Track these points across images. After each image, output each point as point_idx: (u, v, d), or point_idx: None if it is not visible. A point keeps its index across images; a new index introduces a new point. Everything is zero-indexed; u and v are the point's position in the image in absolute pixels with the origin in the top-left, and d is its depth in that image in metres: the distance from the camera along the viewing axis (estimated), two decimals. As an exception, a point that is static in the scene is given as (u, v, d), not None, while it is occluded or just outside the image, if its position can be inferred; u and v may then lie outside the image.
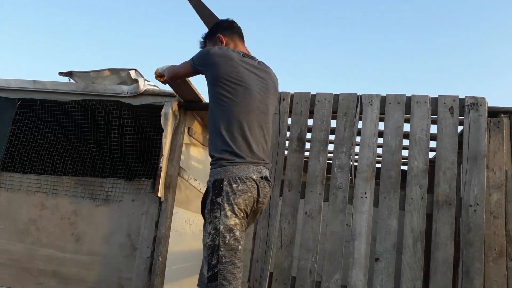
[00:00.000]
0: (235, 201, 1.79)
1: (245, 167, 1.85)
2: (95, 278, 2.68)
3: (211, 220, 1.80)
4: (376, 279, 2.40)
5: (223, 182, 1.81)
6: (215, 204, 1.80)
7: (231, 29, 2.15)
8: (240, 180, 1.82)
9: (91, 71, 2.98)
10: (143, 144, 2.86)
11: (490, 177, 2.43)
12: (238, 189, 1.80)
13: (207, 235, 1.80)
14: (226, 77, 1.87)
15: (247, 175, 1.84)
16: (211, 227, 1.79)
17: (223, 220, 1.78)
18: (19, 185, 2.93)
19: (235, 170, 1.83)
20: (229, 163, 1.83)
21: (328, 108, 2.69)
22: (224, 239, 1.77)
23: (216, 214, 1.79)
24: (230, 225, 1.78)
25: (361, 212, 2.49)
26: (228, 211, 1.78)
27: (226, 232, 1.77)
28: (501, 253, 2.32)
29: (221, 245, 1.77)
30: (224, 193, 1.79)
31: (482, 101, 2.51)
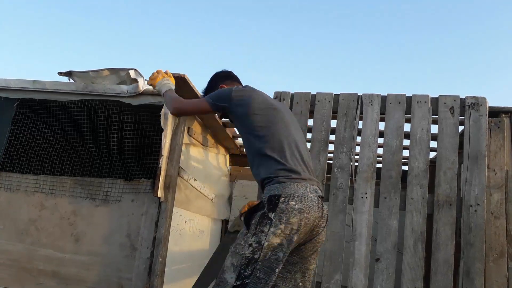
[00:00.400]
0: (289, 220, 1.70)
1: (303, 184, 1.77)
2: (94, 278, 2.67)
3: (256, 232, 1.71)
4: (377, 280, 2.40)
5: (280, 198, 1.72)
6: (266, 218, 1.71)
7: (230, 78, 2.29)
8: (298, 198, 1.73)
9: (91, 71, 2.97)
10: (142, 144, 2.85)
11: (491, 177, 2.43)
12: (294, 207, 1.71)
13: (247, 246, 1.71)
14: (257, 106, 1.93)
15: (305, 193, 1.75)
16: (254, 239, 1.71)
17: (270, 237, 1.69)
18: (18, 185, 2.92)
19: (292, 187, 1.75)
20: (286, 179, 1.76)
21: (328, 108, 2.68)
22: (266, 255, 1.69)
23: (263, 228, 1.70)
24: (276, 243, 1.69)
25: (362, 212, 2.48)
26: (278, 230, 1.69)
27: (270, 250, 1.69)
28: (502, 253, 2.32)
29: (260, 260, 1.69)
30: (279, 210, 1.70)
31: (482, 101, 2.50)
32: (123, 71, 2.88)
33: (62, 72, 3.06)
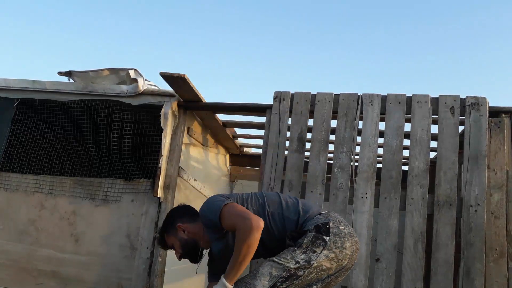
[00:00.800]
0: (344, 244, 1.72)
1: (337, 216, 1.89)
2: (94, 278, 2.67)
3: (307, 251, 1.69)
4: (377, 280, 2.39)
5: (329, 224, 1.75)
6: (320, 239, 1.71)
7: (186, 214, 2.01)
8: (343, 223, 1.80)
9: (90, 71, 2.97)
10: (142, 144, 2.85)
11: (491, 177, 2.42)
12: (344, 231, 1.75)
13: (293, 262, 1.68)
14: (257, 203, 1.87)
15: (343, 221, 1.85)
16: (304, 257, 1.68)
17: (322, 259, 1.68)
18: (18, 185, 2.92)
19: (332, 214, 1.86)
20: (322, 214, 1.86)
21: (329, 108, 2.68)
22: (309, 274, 1.68)
23: (316, 249, 1.69)
24: (325, 266, 1.69)
25: (362, 213, 2.48)
26: (332, 254, 1.70)
27: (315, 270, 1.68)
28: (502, 254, 2.32)
29: (302, 277, 1.67)
30: (332, 234, 1.72)
31: (483, 101, 2.50)
32: (123, 71, 2.88)
33: (62, 72, 3.06)
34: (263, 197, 1.91)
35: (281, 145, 2.70)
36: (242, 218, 1.67)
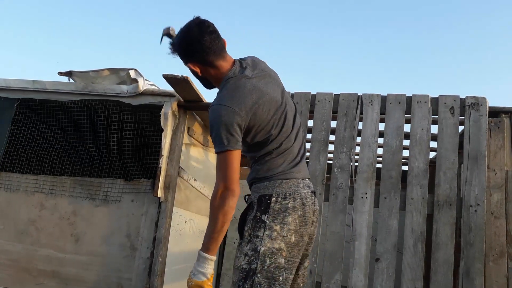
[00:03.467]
0: (284, 220, 1.53)
1: (295, 181, 1.60)
2: (94, 278, 2.67)
3: (251, 239, 1.54)
4: (377, 280, 2.40)
5: (271, 198, 1.56)
6: (260, 222, 1.54)
7: (201, 52, 1.61)
8: (290, 196, 1.57)
9: (91, 71, 2.97)
10: (142, 144, 2.85)
11: (491, 177, 2.42)
12: (287, 206, 1.55)
13: (242, 257, 1.54)
14: (263, 116, 1.57)
15: (299, 190, 1.59)
16: (249, 247, 1.53)
17: (266, 241, 1.51)
18: (18, 185, 2.92)
19: (284, 185, 1.58)
20: (278, 178, 1.58)
21: (329, 108, 2.68)
22: (264, 263, 1.50)
23: (258, 233, 1.53)
24: (274, 248, 1.51)
25: (362, 212, 2.48)
26: (274, 232, 1.52)
27: (267, 256, 1.50)
28: (502, 253, 2.32)
29: (258, 270, 1.49)
30: (272, 211, 1.54)
31: (482, 101, 2.50)
32: (123, 71, 2.88)
33: (62, 72, 3.06)
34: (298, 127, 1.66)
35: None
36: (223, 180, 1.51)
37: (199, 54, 1.60)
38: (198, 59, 1.62)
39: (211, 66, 1.63)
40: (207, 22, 1.62)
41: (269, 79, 1.67)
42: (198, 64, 1.63)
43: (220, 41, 1.63)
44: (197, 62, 1.63)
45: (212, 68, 1.63)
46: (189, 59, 1.63)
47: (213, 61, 1.61)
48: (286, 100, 1.69)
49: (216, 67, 1.63)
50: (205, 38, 1.58)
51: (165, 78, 2.56)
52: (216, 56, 1.62)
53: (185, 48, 1.62)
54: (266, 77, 1.66)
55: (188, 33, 1.60)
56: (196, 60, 1.62)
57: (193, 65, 1.64)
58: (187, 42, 1.60)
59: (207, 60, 1.61)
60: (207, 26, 1.60)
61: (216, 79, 1.66)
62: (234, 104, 1.52)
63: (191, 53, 1.61)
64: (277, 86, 1.69)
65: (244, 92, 1.55)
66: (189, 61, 1.64)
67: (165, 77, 2.56)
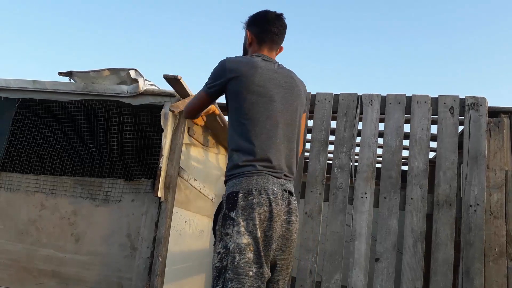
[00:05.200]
0: (250, 215, 1.55)
1: (263, 178, 1.62)
2: (95, 278, 2.67)
3: (222, 237, 1.57)
4: (376, 280, 2.40)
5: (238, 194, 1.58)
6: (228, 219, 1.57)
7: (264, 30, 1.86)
8: (256, 191, 1.58)
9: (91, 71, 2.97)
10: (143, 144, 2.86)
11: (491, 177, 2.43)
12: (253, 201, 1.56)
13: (216, 255, 1.56)
14: (251, 88, 1.68)
15: (265, 186, 1.60)
16: (221, 245, 1.56)
17: (235, 237, 1.53)
18: (18, 185, 2.92)
19: (251, 181, 1.60)
20: (246, 175, 1.61)
21: (328, 108, 2.69)
22: (233, 260, 1.52)
23: (228, 230, 1.55)
24: (242, 243, 1.52)
25: (361, 212, 2.49)
26: (242, 227, 1.54)
27: (237, 252, 1.52)
28: (501, 253, 2.32)
29: (228, 267, 1.51)
30: (239, 207, 1.56)
31: (482, 101, 2.51)
32: (123, 71, 2.88)
33: (63, 72, 3.06)
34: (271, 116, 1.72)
35: (281, 145, 2.70)
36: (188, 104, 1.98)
37: (261, 29, 1.86)
38: (255, 33, 1.88)
39: (258, 44, 1.88)
40: (284, 20, 1.90)
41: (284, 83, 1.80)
42: (253, 36, 1.88)
43: (278, 40, 1.90)
44: (253, 34, 1.88)
45: (257, 46, 1.88)
46: (251, 27, 1.90)
47: (262, 43, 1.87)
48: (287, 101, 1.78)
49: (259, 49, 1.88)
50: (275, 25, 1.86)
51: (166, 78, 2.57)
52: (267, 43, 1.87)
53: (258, 18, 1.89)
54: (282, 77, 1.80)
55: (268, 13, 1.88)
56: (254, 32, 1.88)
57: (250, 33, 1.89)
58: (261, 17, 1.88)
59: (259, 39, 1.87)
60: (283, 22, 1.89)
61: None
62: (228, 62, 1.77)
63: (256, 24, 1.89)
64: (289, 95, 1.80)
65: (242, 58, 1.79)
66: (249, 29, 1.90)
67: (166, 78, 2.57)
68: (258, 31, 1.87)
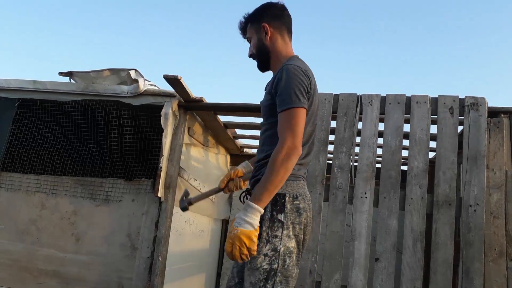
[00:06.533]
0: (297, 220, 1.59)
1: (303, 183, 1.67)
2: (95, 278, 2.68)
3: (269, 239, 1.56)
4: (376, 279, 2.40)
5: (285, 197, 1.59)
6: (277, 221, 1.57)
7: (281, 19, 1.75)
8: (300, 196, 1.62)
9: (91, 71, 2.98)
10: (143, 144, 2.87)
11: (490, 177, 2.43)
12: (299, 206, 1.60)
13: (262, 257, 1.55)
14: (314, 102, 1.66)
15: (305, 192, 1.65)
16: (269, 247, 1.55)
17: (285, 241, 1.56)
18: (19, 185, 2.93)
19: (295, 185, 1.62)
20: (289, 179, 1.59)
21: (328, 108, 2.69)
22: (284, 263, 1.56)
23: (276, 233, 1.56)
24: (291, 247, 1.57)
25: (361, 212, 2.49)
26: (291, 231, 1.58)
27: (287, 256, 1.56)
28: (501, 253, 2.32)
29: (279, 270, 1.55)
30: (288, 210, 1.58)
31: (482, 101, 2.51)
32: (124, 71, 2.89)
33: (63, 72, 3.07)
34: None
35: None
36: (292, 137, 1.51)
37: (279, 21, 1.73)
38: (277, 25, 1.73)
39: (281, 35, 1.74)
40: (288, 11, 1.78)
41: None
42: (272, 28, 1.73)
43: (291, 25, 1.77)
44: (274, 27, 1.73)
45: (281, 39, 1.75)
46: (268, 20, 1.73)
47: (285, 35, 1.75)
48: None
49: (285, 41, 1.75)
50: (287, 14, 1.76)
51: (166, 78, 2.58)
52: (289, 34, 1.77)
53: (271, 9, 1.75)
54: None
55: (278, 2, 1.76)
56: (274, 24, 1.73)
57: (269, 27, 1.72)
58: (275, 5, 1.75)
59: (282, 30, 1.74)
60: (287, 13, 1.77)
61: (278, 53, 1.74)
62: (308, 72, 1.62)
63: (272, 16, 1.73)
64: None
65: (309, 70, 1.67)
66: (266, 22, 1.72)
67: (166, 78, 2.57)
68: (279, 22, 1.74)
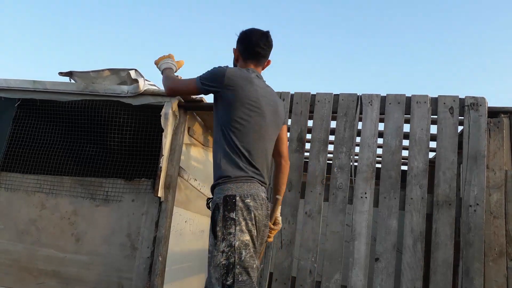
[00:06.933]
0: (248, 216, 1.75)
1: (255, 185, 1.84)
2: (95, 278, 2.68)
3: (224, 237, 1.73)
4: (376, 279, 2.40)
5: (236, 197, 1.76)
6: (229, 219, 1.74)
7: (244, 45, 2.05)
8: (251, 196, 1.79)
9: (91, 71, 2.98)
10: (143, 144, 2.86)
11: (490, 177, 2.43)
12: (249, 204, 1.77)
13: (220, 254, 1.72)
14: (247, 100, 1.86)
15: (258, 192, 1.83)
16: (225, 244, 1.72)
17: (239, 235, 1.72)
18: (19, 185, 2.93)
19: (246, 186, 1.81)
20: (240, 180, 1.81)
21: (328, 108, 2.69)
22: (240, 255, 1.70)
23: (230, 230, 1.72)
24: (246, 240, 1.73)
25: (361, 212, 2.49)
26: (243, 226, 1.73)
27: (243, 249, 1.71)
28: (501, 253, 2.32)
29: (237, 263, 1.69)
30: (238, 208, 1.74)
31: (482, 101, 2.51)
32: (124, 71, 2.89)
33: (63, 72, 3.07)
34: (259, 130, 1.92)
35: (281, 145, 2.70)
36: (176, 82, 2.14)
37: (245, 48, 2.04)
38: (240, 50, 2.06)
39: (243, 61, 2.05)
40: (269, 38, 2.05)
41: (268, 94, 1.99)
42: (239, 53, 2.07)
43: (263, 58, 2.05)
44: (239, 51, 2.07)
45: (243, 63, 2.06)
46: (237, 45, 2.08)
47: (247, 60, 2.04)
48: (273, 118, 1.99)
49: (245, 65, 2.05)
50: (259, 45, 2.01)
51: None
52: (252, 60, 2.04)
53: (243, 38, 2.05)
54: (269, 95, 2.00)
55: (253, 32, 2.04)
56: (239, 49, 2.06)
57: (236, 50, 2.08)
58: (247, 36, 2.04)
59: (244, 56, 2.05)
60: (267, 41, 2.04)
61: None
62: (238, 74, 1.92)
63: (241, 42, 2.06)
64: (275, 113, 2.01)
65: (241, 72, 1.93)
66: (237, 46, 2.08)
67: None
68: (242, 49, 2.04)
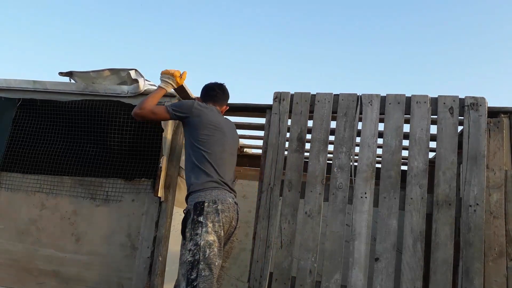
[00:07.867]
0: (215, 219, 2.07)
1: (223, 192, 2.18)
2: (95, 278, 2.68)
3: (192, 237, 2.03)
4: (376, 279, 2.40)
5: (204, 203, 2.09)
6: (197, 222, 2.05)
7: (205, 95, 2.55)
8: (219, 201, 2.12)
9: (91, 71, 2.98)
10: (143, 144, 2.86)
11: (490, 177, 2.43)
12: (217, 208, 2.09)
13: (187, 252, 2.01)
14: (210, 123, 2.29)
15: (225, 198, 2.16)
16: (192, 243, 2.02)
17: (204, 236, 2.01)
18: (19, 185, 2.93)
19: (214, 193, 2.14)
20: (209, 188, 2.15)
21: (328, 108, 2.69)
22: (205, 253, 1.99)
23: (197, 231, 2.03)
24: (210, 240, 2.02)
25: (361, 212, 2.49)
26: (209, 228, 2.03)
27: (207, 247, 2.00)
28: (501, 253, 2.32)
29: (201, 260, 1.97)
30: (205, 213, 2.06)
31: (482, 101, 2.51)
32: (124, 72, 2.89)
33: (63, 72, 3.07)
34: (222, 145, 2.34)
35: (281, 145, 2.71)
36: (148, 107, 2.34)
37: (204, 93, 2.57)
38: (202, 95, 2.58)
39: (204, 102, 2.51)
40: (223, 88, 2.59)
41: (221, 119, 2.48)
42: (201, 98, 2.58)
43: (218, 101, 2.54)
44: (201, 96, 2.58)
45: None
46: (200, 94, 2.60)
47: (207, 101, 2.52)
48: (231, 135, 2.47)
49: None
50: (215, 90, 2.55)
51: None
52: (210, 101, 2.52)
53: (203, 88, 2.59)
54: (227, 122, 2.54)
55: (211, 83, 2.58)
56: (201, 95, 2.59)
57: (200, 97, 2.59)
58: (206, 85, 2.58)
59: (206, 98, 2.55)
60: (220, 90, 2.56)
61: None
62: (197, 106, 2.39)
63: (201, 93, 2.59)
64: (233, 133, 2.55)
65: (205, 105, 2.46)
66: (200, 95, 2.59)
67: None
68: (203, 94, 2.57)
